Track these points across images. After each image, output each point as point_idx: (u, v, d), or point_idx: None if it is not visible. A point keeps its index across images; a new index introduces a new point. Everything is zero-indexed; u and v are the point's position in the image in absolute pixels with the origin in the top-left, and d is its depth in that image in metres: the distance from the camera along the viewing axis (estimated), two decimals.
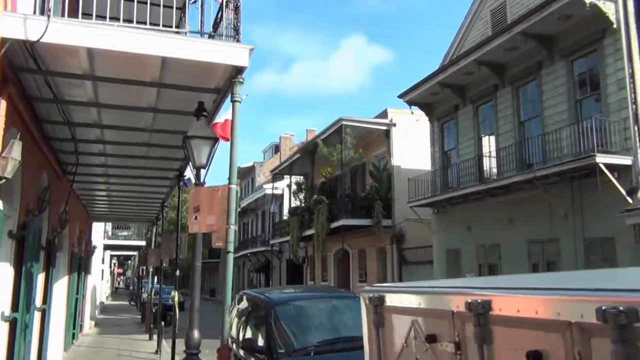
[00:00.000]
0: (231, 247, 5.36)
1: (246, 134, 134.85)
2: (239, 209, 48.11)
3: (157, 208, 15.99)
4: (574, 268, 14.03)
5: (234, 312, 9.36)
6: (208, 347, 8.38)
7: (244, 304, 8.76)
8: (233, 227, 5.38)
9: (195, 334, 5.65)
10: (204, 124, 6.09)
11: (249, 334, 7.48)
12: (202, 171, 6.05)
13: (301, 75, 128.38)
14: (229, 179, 5.48)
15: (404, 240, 23.26)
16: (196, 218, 5.64)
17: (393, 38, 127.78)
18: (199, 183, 5.96)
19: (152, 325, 17.50)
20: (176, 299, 10.03)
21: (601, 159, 12.49)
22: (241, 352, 7.42)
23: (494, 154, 17.56)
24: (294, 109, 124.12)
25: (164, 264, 14.33)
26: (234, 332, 8.59)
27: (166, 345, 14.80)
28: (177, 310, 10.12)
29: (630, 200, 12.61)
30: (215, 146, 6.07)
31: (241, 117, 5.59)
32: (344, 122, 23.57)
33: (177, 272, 10.31)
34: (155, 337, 17.14)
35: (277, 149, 50.16)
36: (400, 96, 20.97)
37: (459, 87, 19.04)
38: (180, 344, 11.14)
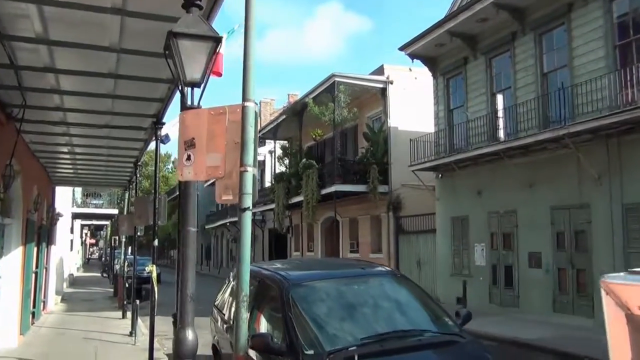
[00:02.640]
0: (249, 201, 3.35)
1: (221, 103, 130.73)
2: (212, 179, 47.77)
3: (129, 169, 13.79)
4: (609, 237, 12.40)
5: (227, 291, 7.41)
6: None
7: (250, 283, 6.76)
8: (251, 170, 3.36)
9: (189, 335, 3.66)
10: (198, 17, 3.99)
11: (249, 328, 5.52)
12: (197, 91, 3.97)
13: (277, 43, 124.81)
14: (244, 93, 3.42)
15: (401, 208, 21.47)
16: (189, 158, 3.59)
17: (370, 6, 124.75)
18: (192, 106, 3.89)
19: (125, 302, 15.47)
20: (154, 273, 8.01)
21: None
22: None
23: (507, 111, 15.69)
24: (271, 78, 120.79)
25: (138, 232, 12.25)
26: (228, 316, 6.67)
27: (142, 325, 12.83)
28: (155, 287, 8.10)
29: None
30: (217, 51, 3.97)
31: (213, 86, 3.58)
32: (336, 79, 21.41)
33: (156, 242, 8.23)
34: (129, 314, 15.16)
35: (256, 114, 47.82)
36: (402, 48, 18.87)
37: (470, 37, 17.02)
38: (161, 325, 9.20)
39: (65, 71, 6.59)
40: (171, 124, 11.49)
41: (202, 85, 3.96)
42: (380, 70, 22.78)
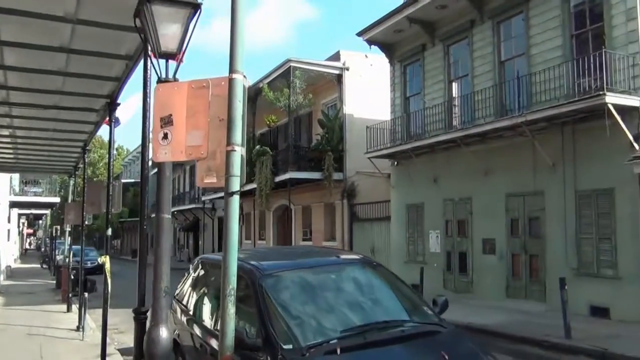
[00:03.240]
0: (236, 185, 3.02)
1: None
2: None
3: (76, 154, 12.97)
4: (562, 223, 12.67)
5: (188, 281, 7.02)
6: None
7: (209, 273, 6.43)
8: (240, 150, 3.02)
9: (163, 333, 3.31)
10: None
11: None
12: (172, 64, 3.58)
13: (223, 31, 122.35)
14: (231, 64, 3.07)
15: (356, 196, 21.40)
16: (165, 137, 3.21)
17: None
18: (166, 79, 3.50)
19: (70, 294, 14.68)
20: (107, 264, 7.50)
21: (611, 99, 10.91)
22: (212, 342, 5.16)
23: (465, 99, 15.79)
24: (218, 67, 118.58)
25: (86, 221, 11.55)
26: (191, 309, 6.31)
27: (90, 319, 12.17)
28: (109, 278, 7.60)
29: (636, 146, 11.20)
30: (195, 17, 3.59)
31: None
32: (292, 64, 21.02)
33: (109, 231, 7.70)
34: (74, 307, 14.42)
35: None
36: (360, 34, 18.67)
37: (429, 24, 16.99)
38: (110, 318, 8.65)
39: (11, 43, 5.98)
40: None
41: (179, 57, 3.57)
42: (336, 57, 22.54)
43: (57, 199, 30.01)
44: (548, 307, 12.75)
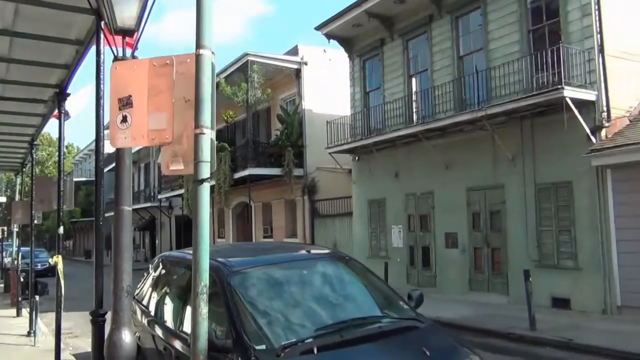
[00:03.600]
0: (206, 171, 2.73)
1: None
2: (113, 164, 44.78)
3: (23, 150, 12.26)
4: (522, 216, 12.81)
5: (148, 281, 6.65)
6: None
7: (171, 272, 6.09)
8: (209, 133, 2.74)
9: (126, 336, 3.01)
10: None
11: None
12: (131, 40, 3.25)
13: (176, 25, 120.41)
14: (198, 38, 2.78)
15: (317, 191, 21.22)
16: (125, 120, 2.90)
17: None
18: (124, 58, 3.17)
19: (19, 298, 13.93)
20: (60, 265, 7.03)
21: (569, 93, 11.04)
22: (177, 345, 4.85)
23: (424, 94, 15.80)
24: None
25: (35, 221, 10.89)
26: (152, 310, 5.95)
27: (42, 324, 11.53)
28: (62, 280, 7.12)
29: (593, 140, 11.40)
30: None
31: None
32: (250, 58, 20.61)
33: (61, 229, 7.22)
34: (24, 312, 13.70)
35: None
36: (318, 28, 18.44)
37: (387, 18, 16.91)
38: (63, 322, 8.15)
39: None
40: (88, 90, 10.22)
41: (137, 34, 3.25)
42: (294, 51, 22.27)
43: (3, 199, 28.61)
44: (510, 299, 12.87)
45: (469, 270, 14.17)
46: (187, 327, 4.87)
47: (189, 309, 4.98)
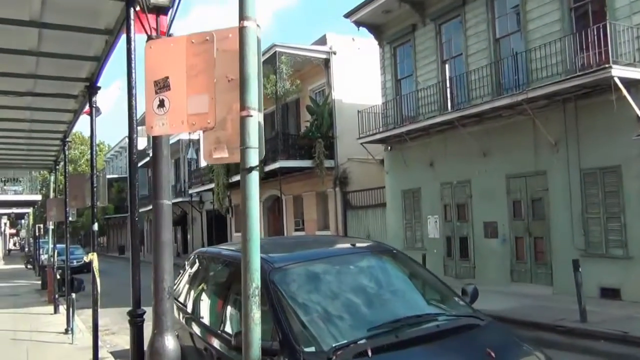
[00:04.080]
0: (255, 158, 2.43)
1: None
2: (146, 159, 43.13)
3: (55, 147, 12.23)
4: (567, 203, 12.25)
5: (185, 277, 6.43)
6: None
7: (208, 268, 5.85)
8: (257, 115, 2.44)
9: (169, 342, 2.76)
10: None
11: (232, 322, 4.62)
12: (164, 19, 2.96)
13: (201, 20, 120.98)
14: (241, 9, 2.47)
15: (348, 183, 20.87)
16: (162, 105, 2.62)
17: None
18: (157, 36, 2.88)
19: (56, 295, 13.99)
20: (95, 262, 6.88)
21: (617, 72, 10.44)
22: (216, 344, 4.60)
23: (459, 79, 15.28)
24: None
25: (70, 217, 10.83)
26: (189, 307, 5.73)
27: (79, 321, 11.52)
28: (98, 277, 6.98)
29: None
30: None
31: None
32: (278, 49, 20.32)
33: (95, 226, 7.06)
34: (61, 309, 13.75)
35: None
36: (347, 15, 18.03)
37: (418, 3, 16.41)
38: (100, 318, 8.03)
39: None
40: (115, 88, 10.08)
41: (171, 12, 2.96)
42: (322, 41, 21.88)
43: (38, 197, 29.04)
44: (555, 290, 12.36)
45: (510, 261, 13.67)
46: (227, 327, 4.64)
47: (229, 308, 4.76)
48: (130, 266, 4.71)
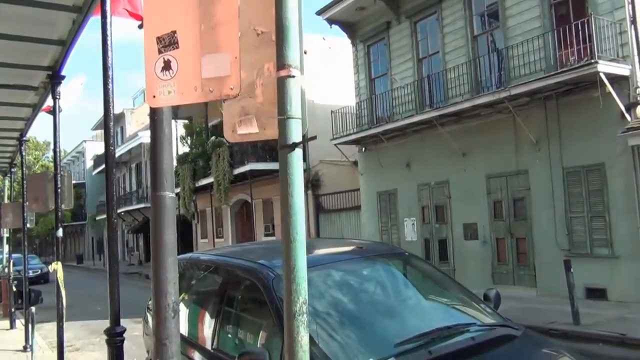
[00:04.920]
0: (298, 132, 1.84)
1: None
2: (102, 165, 43.65)
3: (11, 148, 11.26)
4: (549, 203, 12.02)
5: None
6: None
7: (206, 279, 5.15)
8: (299, 76, 1.85)
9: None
10: None
11: (233, 337, 4.01)
12: None
13: None
14: None
15: (320, 186, 20.34)
16: (167, 67, 2.01)
17: None
18: None
19: (12, 309, 12.95)
20: (60, 273, 6.12)
21: (603, 68, 10.25)
22: None
23: (436, 77, 14.97)
24: None
25: (28, 224, 9.90)
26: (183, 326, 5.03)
27: (38, 336, 10.57)
28: (62, 289, 6.22)
29: (628, 118, 10.62)
30: None
31: (96, 72, 2.08)
32: None
33: (60, 232, 6.28)
34: (18, 323, 12.75)
35: None
36: (320, 12, 17.55)
37: (393, 0, 16.04)
38: (67, 333, 7.25)
39: None
40: (76, 84, 9.19)
41: None
42: None
43: None
44: (540, 291, 12.11)
45: (492, 263, 13.37)
46: (224, 345, 4.02)
47: (224, 323, 4.13)
48: (108, 276, 4.05)
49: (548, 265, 11.94)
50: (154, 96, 2.06)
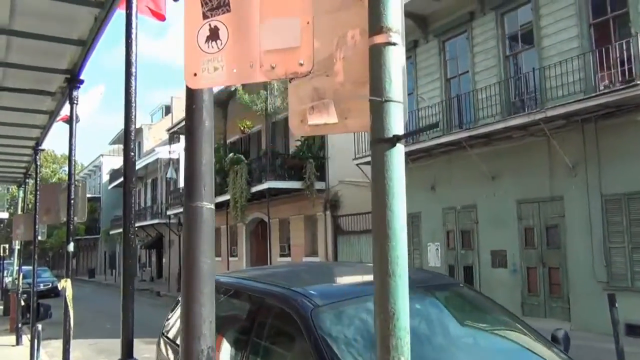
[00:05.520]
0: (399, 121, 1.31)
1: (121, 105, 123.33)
2: (120, 179, 41.98)
3: (26, 157, 10.90)
4: (586, 231, 11.34)
5: (178, 312, 5.20)
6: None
7: (224, 304, 4.60)
8: (401, 44, 1.32)
9: None
10: None
11: None
12: None
13: (179, 40, 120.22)
14: None
15: (339, 206, 19.77)
16: (215, 36, 1.50)
17: None
18: None
19: (19, 324, 12.48)
20: (69, 291, 5.62)
21: None
22: None
23: (465, 97, 14.45)
24: (176, 79, 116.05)
25: (39, 236, 9.48)
26: None
27: (44, 355, 10.09)
28: (70, 307, 5.71)
29: None
30: None
31: (113, 85, 1.60)
32: None
33: (71, 246, 5.78)
34: (25, 339, 12.25)
35: (168, 110, 44.08)
36: None
37: (421, 18, 15.66)
38: (74, 352, 6.72)
39: None
40: (96, 93, 8.75)
41: None
42: None
43: (5, 215, 27.22)
44: (574, 326, 11.35)
45: (522, 292, 12.66)
46: None
47: (250, 357, 3.59)
48: (122, 297, 3.53)
49: (584, 298, 11.23)
50: (195, 74, 1.56)
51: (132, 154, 3.54)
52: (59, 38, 5.34)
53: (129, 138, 3.39)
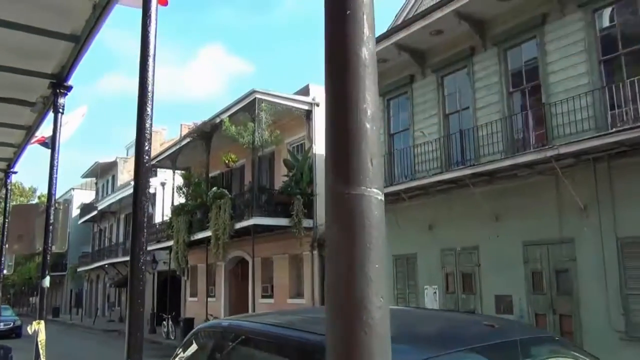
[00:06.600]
0: None
1: (98, 139, 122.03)
2: (92, 212, 40.33)
3: None
4: (600, 277, 10.67)
5: None
6: None
7: (232, 355, 3.66)
8: None
9: None
10: None
11: None
12: None
13: (157, 80, 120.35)
14: None
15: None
16: None
17: (253, 51, 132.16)
18: None
19: None
20: (42, 336, 4.61)
21: None
22: None
23: (466, 134, 13.91)
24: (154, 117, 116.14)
25: (5, 269, 8.30)
26: None
27: None
28: (42, 355, 4.70)
29: None
30: None
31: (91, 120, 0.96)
32: (257, 96, 18.67)
33: (47, 281, 4.78)
34: None
35: None
36: None
37: (419, 52, 15.24)
38: None
39: None
40: (77, 115, 7.77)
41: None
42: (305, 91, 20.45)
43: None
44: None
45: None
46: None
47: None
48: (126, 342, 2.59)
49: (599, 347, 10.38)
50: None
51: (147, 161, 2.69)
52: (47, 31, 4.48)
53: (142, 147, 2.55)
